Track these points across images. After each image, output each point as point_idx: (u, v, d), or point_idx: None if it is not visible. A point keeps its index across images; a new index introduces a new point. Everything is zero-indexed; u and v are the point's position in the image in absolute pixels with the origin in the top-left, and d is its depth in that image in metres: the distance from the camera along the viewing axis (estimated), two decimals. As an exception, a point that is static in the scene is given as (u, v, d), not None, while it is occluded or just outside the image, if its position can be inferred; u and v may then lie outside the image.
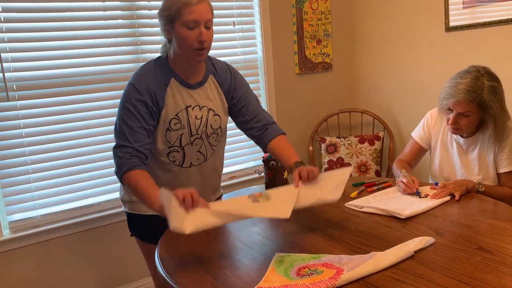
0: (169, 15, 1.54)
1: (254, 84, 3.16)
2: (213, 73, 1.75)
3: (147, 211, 1.75)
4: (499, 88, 1.80)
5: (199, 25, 1.54)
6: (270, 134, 1.80)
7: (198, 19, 1.53)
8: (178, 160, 1.70)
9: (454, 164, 1.99)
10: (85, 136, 2.52)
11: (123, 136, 1.57)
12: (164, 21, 1.58)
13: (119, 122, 1.60)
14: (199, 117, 1.69)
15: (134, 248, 1.92)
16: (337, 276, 1.16)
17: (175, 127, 1.65)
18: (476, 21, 2.74)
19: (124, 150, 1.56)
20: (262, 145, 1.82)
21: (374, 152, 3.25)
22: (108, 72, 2.55)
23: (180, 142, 1.68)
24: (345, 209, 1.71)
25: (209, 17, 1.56)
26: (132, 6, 2.59)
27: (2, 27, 2.24)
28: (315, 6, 3.32)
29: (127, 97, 1.60)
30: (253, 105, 1.82)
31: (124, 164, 1.54)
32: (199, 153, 1.74)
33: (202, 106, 1.70)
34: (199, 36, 1.54)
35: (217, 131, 1.76)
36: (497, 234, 1.38)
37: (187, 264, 1.35)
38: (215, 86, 1.74)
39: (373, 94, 3.51)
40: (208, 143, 1.75)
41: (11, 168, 2.33)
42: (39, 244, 2.42)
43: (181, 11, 1.52)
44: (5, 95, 2.27)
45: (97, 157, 2.56)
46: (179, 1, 1.52)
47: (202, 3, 1.54)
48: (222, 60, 1.83)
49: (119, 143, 1.58)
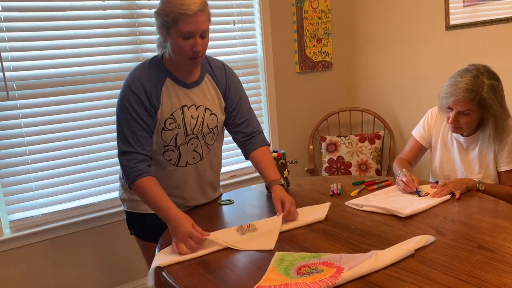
0: (165, 21, 1.51)
1: (254, 83, 3.16)
2: (209, 72, 1.74)
3: (146, 209, 1.75)
4: (499, 86, 1.79)
5: (195, 35, 1.51)
6: (255, 143, 1.79)
7: (194, 30, 1.50)
8: (174, 159, 1.70)
9: (455, 162, 1.99)
10: (85, 136, 2.52)
11: (126, 141, 1.57)
12: (159, 24, 1.55)
13: (121, 127, 1.59)
14: (195, 116, 1.68)
15: (134, 247, 1.92)
16: (337, 275, 1.16)
17: (170, 127, 1.64)
18: (477, 20, 2.74)
19: (129, 157, 1.56)
20: (244, 152, 1.82)
21: (375, 151, 3.25)
22: (108, 72, 2.55)
23: (176, 142, 1.67)
24: (345, 207, 1.71)
25: (206, 27, 1.53)
26: (132, 5, 2.59)
27: (2, 26, 2.24)
28: (315, 5, 3.32)
29: (124, 99, 1.59)
30: (245, 109, 1.80)
31: (132, 172, 1.55)
32: (195, 152, 1.73)
33: (199, 105, 1.69)
34: (193, 46, 1.52)
35: (213, 131, 1.75)
36: (498, 233, 1.38)
37: (187, 263, 1.35)
38: (212, 85, 1.73)
39: (374, 93, 3.50)
40: (204, 142, 1.74)
41: (11, 167, 2.34)
42: (40, 243, 2.42)
43: (178, 21, 1.48)
44: (5, 94, 2.27)
45: (97, 157, 2.56)
46: (176, 10, 1.48)
47: (200, 14, 1.49)
48: (219, 60, 1.81)
49: (123, 149, 1.57)
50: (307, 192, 1.93)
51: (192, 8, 1.47)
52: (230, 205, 1.85)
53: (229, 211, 1.80)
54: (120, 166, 1.60)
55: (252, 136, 1.80)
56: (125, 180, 1.59)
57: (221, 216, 1.76)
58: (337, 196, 1.84)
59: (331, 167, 3.28)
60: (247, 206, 1.84)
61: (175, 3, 1.49)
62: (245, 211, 1.78)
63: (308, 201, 1.80)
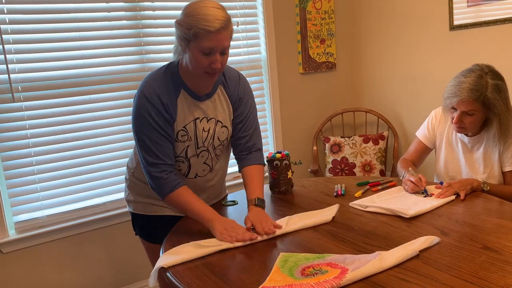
0: (186, 34, 1.45)
1: (258, 84, 3.16)
2: (222, 84, 1.69)
3: (151, 211, 1.76)
4: (503, 86, 1.79)
5: (215, 52, 1.47)
6: (250, 160, 1.76)
7: (215, 47, 1.46)
8: (184, 170, 1.70)
9: (459, 163, 1.98)
10: (90, 137, 2.53)
11: (152, 153, 1.56)
12: (180, 35, 1.49)
13: (143, 138, 1.56)
14: (206, 129, 1.66)
15: (139, 248, 1.93)
16: (341, 276, 1.16)
17: (182, 139, 1.63)
18: (481, 20, 2.73)
19: (158, 170, 1.56)
20: (238, 164, 1.79)
21: (379, 152, 3.24)
22: (113, 73, 2.56)
23: (186, 154, 1.66)
24: (349, 208, 1.71)
25: (227, 44, 1.49)
26: (136, 7, 2.59)
27: (8, 28, 2.26)
28: (319, 6, 3.32)
29: (142, 109, 1.55)
30: (250, 124, 1.76)
31: (165, 185, 1.56)
32: (205, 164, 1.72)
33: (210, 118, 1.66)
34: (212, 62, 1.48)
35: (223, 143, 1.73)
36: (503, 233, 1.38)
37: (191, 263, 1.36)
38: (224, 97, 1.70)
39: (377, 94, 3.50)
40: (215, 154, 1.73)
41: (16, 169, 2.35)
42: (45, 244, 2.43)
43: (199, 36, 1.43)
44: (10, 96, 2.29)
45: (102, 158, 2.57)
46: (198, 25, 1.42)
47: (222, 31, 1.45)
48: (235, 70, 1.76)
49: (150, 160, 1.56)
50: (311, 193, 1.92)
51: (215, 25, 1.43)
52: (235, 206, 1.85)
53: (234, 212, 1.80)
54: (149, 177, 1.59)
55: (250, 152, 1.77)
56: (156, 191, 1.59)
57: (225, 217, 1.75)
58: (341, 197, 1.84)
59: (335, 168, 3.27)
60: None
61: (198, 18, 1.43)
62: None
63: (312, 202, 1.80)
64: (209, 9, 1.45)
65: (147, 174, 1.59)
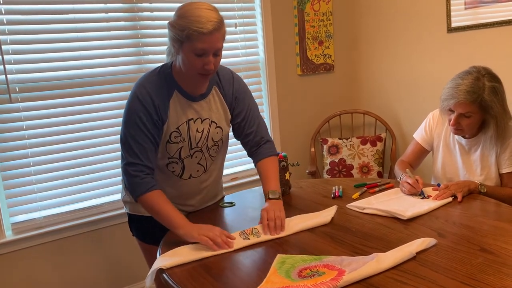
0: (179, 35, 1.46)
1: (256, 85, 3.17)
2: (217, 84, 1.70)
3: (147, 212, 1.76)
4: (500, 88, 1.79)
5: (208, 53, 1.48)
6: (261, 153, 1.77)
7: (208, 48, 1.46)
8: (177, 171, 1.70)
9: (457, 165, 1.98)
10: (87, 138, 2.53)
11: (133, 153, 1.56)
12: (173, 36, 1.50)
13: (128, 137, 1.57)
14: (200, 130, 1.66)
15: (136, 249, 1.93)
16: (338, 278, 1.16)
17: (175, 140, 1.63)
18: (478, 22, 2.74)
19: (136, 169, 1.56)
20: (253, 161, 1.81)
21: (376, 153, 3.25)
22: (110, 74, 2.56)
23: (180, 155, 1.66)
24: (346, 210, 1.71)
25: (220, 46, 1.50)
26: (134, 8, 2.59)
27: (5, 29, 2.25)
28: (317, 7, 3.33)
29: (132, 109, 1.57)
30: (253, 118, 1.77)
31: (140, 184, 1.55)
32: (199, 165, 1.72)
33: (204, 118, 1.67)
34: (205, 64, 1.49)
35: (217, 143, 1.74)
36: (500, 235, 1.38)
37: (188, 265, 1.35)
38: (218, 97, 1.70)
39: (375, 95, 3.50)
40: (209, 155, 1.73)
41: (13, 169, 2.34)
42: (42, 245, 2.43)
43: (192, 38, 1.44)
44: (7, 96, 2.28)
45: (99, 159, 2.57)
46: (191, 27, 1.43)
47: (215, 33, 1.45)
48: (227, 68, 1.77)
49: (130, 160, 1.57)
50: (309, 194, 1.92)
51: (208, 27, 1.43)
52: (232, 208, 1.85)
53: (231, 213, 1.80)
54: (126, 175, 1.59)
55: (259, 146, 1.79)
56: (130, 190, 1.59)
57: (222, 219, 1.76)
58: (339, 198, 1.84)
59: (333, 170, 3.27)
60: (249, 208, 1.84)
61: (191, 19, 1.44)
62: (246, 214, 1.78)
63: (310, 204, 1.80)
64: (202, 11, 1.45)
65: (125, 171, 1.59)
